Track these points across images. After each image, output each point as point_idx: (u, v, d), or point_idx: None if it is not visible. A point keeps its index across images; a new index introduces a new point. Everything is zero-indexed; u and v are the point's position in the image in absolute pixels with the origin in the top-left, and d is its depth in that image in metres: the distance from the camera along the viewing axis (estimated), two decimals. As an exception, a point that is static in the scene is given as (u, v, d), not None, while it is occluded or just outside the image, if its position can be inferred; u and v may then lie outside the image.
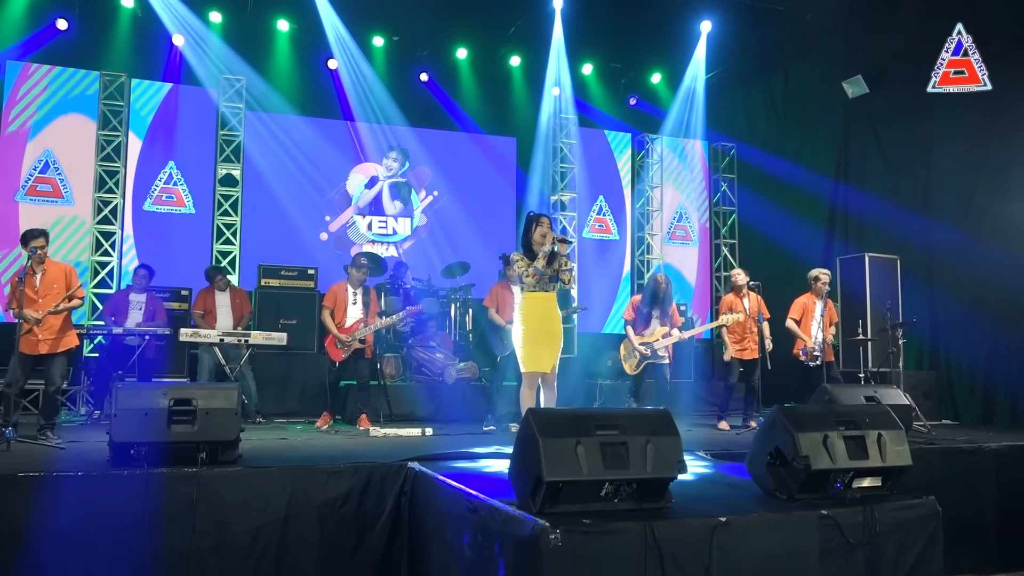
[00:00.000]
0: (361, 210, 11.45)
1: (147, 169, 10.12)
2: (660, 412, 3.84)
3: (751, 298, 8.05)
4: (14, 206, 9.46)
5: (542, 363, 5.77)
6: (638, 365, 7.48)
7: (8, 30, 9.54)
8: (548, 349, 5.78)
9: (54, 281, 6.06)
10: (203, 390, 4.89)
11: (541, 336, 5.77)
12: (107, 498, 4.47)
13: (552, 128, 11.86)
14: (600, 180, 12.22)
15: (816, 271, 8.21)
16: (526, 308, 5.81)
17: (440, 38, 11.73)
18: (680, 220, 12.51)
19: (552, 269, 5.78)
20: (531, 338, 5.76)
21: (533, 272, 5.70)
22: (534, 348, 5.76)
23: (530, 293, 5.78)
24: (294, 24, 11.17)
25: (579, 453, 3.48)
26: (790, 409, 4.06)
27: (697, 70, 12.02)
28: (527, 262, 5.75)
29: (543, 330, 5.78)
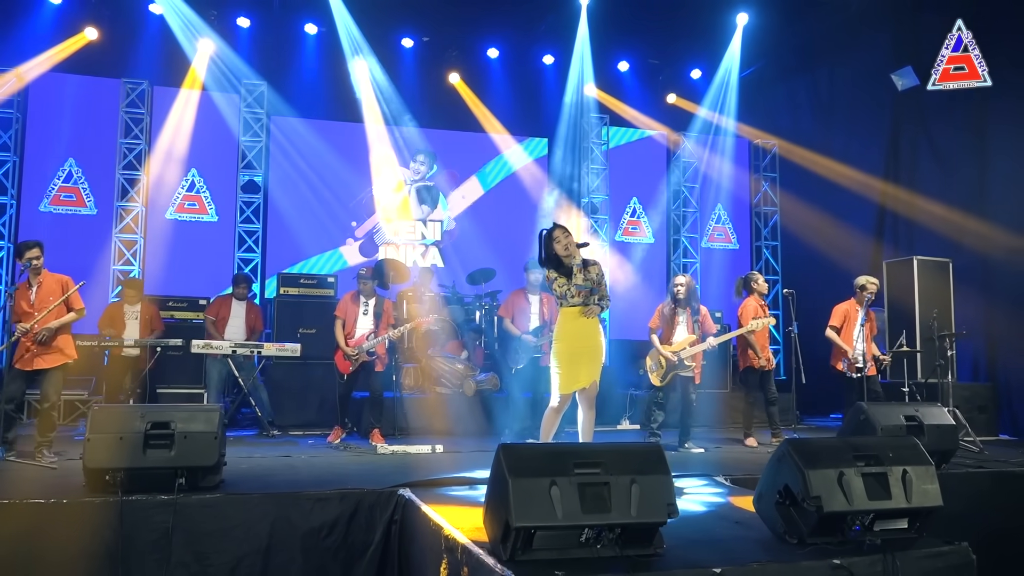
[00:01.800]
0: (388, 215, 11.22)
1: (169, 177, 10.03)
2: (650, 448, 3.45)
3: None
4: (39, 216, 9.46)
5: (581, 381, 5.27)
6: (665, 376, 7.03)
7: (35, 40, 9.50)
8: (588, 365, 5.24)
9: (50, 293, 5.92)
10: (183, 413, 4.66)
11: (581, 352, 5.22)
12: (78, 527, 4.29)
13: (582, 128, 11.46)
14: (633, 181, 11.79)
15: (864, 279, 7.66)
16: (565, 325, 5.25)
17: (471, 38, 11.43)
18: (718, 222, 12.00)
19: (592, 281, 5.26)
20: (571, 357, 5.22)
21: (577, 291, 5.20)
22: (573, 368, 5.22)
23: (570, 308, 5.28)
24: (323, 28, 10.97)
25: (553, 495, 3.12)
26: (800, 443, 3.64)
27: (735, 65, 11.51)
28: (564, 279, 5.21)
29: (583, 347, 5.23)
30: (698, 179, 11.85)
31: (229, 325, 8.20)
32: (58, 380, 5.94)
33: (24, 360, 5.82)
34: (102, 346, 7.55)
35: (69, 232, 9.54)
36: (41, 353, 5.83)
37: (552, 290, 5.31)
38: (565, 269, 5.19)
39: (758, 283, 7.69)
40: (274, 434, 7.93)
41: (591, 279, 5.22)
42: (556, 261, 5.22)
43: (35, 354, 5.82)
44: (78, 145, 9.69)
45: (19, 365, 5.82)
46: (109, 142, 9.77)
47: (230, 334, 8.17)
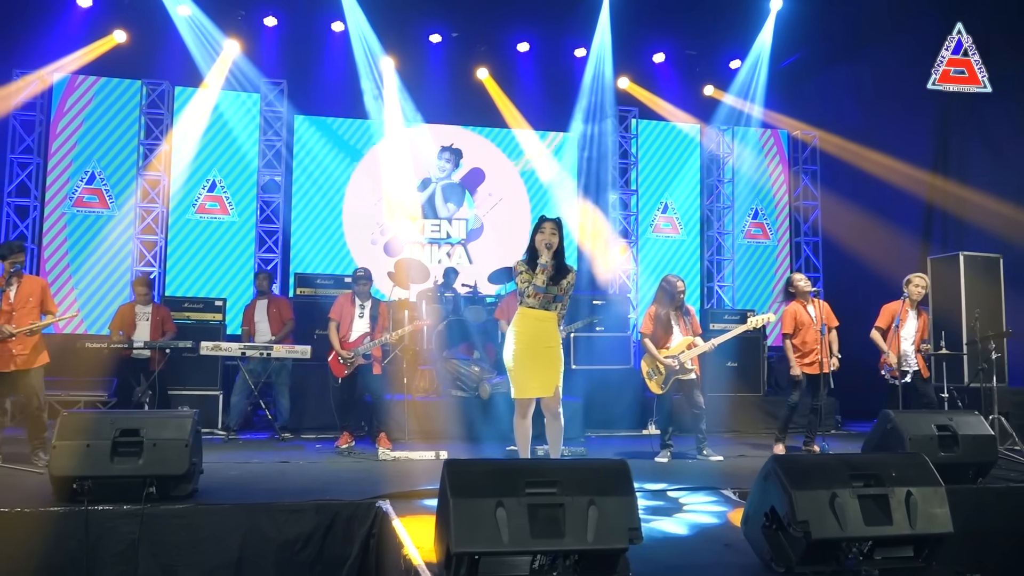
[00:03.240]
0: (413, 213, 11.02)
1: (190, 177, 9.99)
2: (614, 465, 3.13)
3: (817, 305, 7.11)
4: (62, 218, 9.52)
5: (534, 388, 5.02)
6: (666, 382, 6.65)
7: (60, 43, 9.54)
8: (543, 372, 4.98)
9: (29, 295, 5.84)
10: (154, 419, 4.50)
11: (534, 358, 4.99)
12: (41, 537, 4.16)
13: (611, 122, 11.10)
14: (664, 175, 11.35)
15: (911, 276, 7.15)
16: (519, 325, 5.04)
17: (501, 32, 11.15)
18: (756, 217, 11.50)
19: (560, 288, 5.02)
20: (523, 360, 4.99)
21: (534, 291, 4.98)
22: (525, 371, 4.99)
23: (527, 309, 5.06)
24: (349, 26, 10.80)
25: (499, 518, 2.84)
26: (788, 459, 3.27)
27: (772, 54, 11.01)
28: (530, 275, 5.02)
29: (537, 352, 4.99)
30: (733, 173, 11.36)
31: (258, 330, 8.10)
32: (38, 381, 5.85)
33: (3, 360, 5.69)
34: (111, 348, 7.49)
35: (91, 234, 9.57)
36: (20, 355, 5.74)
37: (516, 283, 5.07)
38: (535, 265, 4.94)
39: (796, 286, 7.23)
40: (286, 438, 7.80)
41: (559, 286, 4.97)
42: (532, 253, 4.99)
43: (13, 354, 5.72)
44: (100, 147, 9.71)
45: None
46: (130, 143, 9.76)
47: (259, 337, 8.05)
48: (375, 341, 6.90)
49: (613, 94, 11.13)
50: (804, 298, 7.13)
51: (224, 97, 10.10)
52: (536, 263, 4.98)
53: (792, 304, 7.20)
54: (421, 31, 10.87)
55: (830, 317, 7.21)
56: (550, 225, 5.01)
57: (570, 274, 5.08)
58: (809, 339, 7.02)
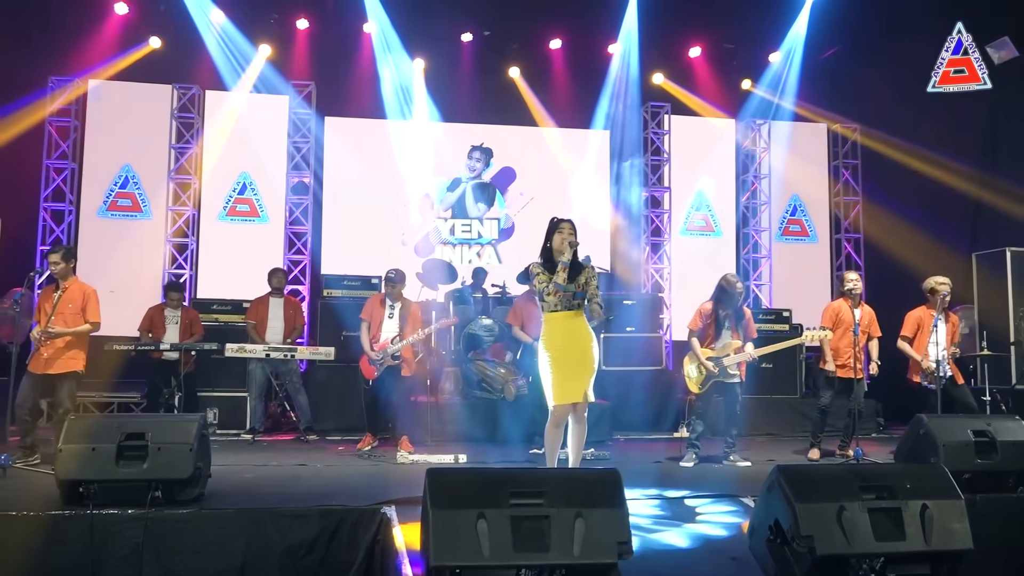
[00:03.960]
0: (443, 214, 10.96)
1: (220, 180, 10.07)
2: (605, 475, 2.99)
3: (864, 311, 6.83)
4: (96, 222, 9.67)
5: (575, 393, 4.91)
6: (705, 382, 6.45)
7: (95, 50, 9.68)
8: (579, 376, 4.90)
9: (70, 300, 5.91)
10: (160, 423, 4.50)
11: (571, 363, 4.89)
12: (47, 540, 4.17)
13: (643, 118, 10.90)
14: (698, 172, 11.09)
15: (932, 280, 6.86)
16: (549, 331, 4.96)
17: (533, 30, 11.00)
18: (794, 214, 11.17)
19: (577, 284, 4.95)
20: (560, 367, 4.89)
21: (554, 289, 4.88)
22: (564, 378, 4.88)
23: (552, 313, 4.95)
24: (378, 27, 10.77)
25: (480, 530, 2.72)
26: (794, 470, 3.09)
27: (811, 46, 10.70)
28: (547, 276, 4.94)
29: (572, 355, 4.90)
30: (770, 169, 11.04)
31: (269, 327, 8.11)
32: (71, 386, 5.91)
33: (35, 362, 5.81)
34: (137, 350, 7.56)
35: (125, 237, 9.69)
36: (53, 358, 5.81)
37: (532, 285, 5.00)
38: (551, 265, 4.92)
39: (845, 285, 6.96)
40: (311, 439, 7.80)
41: (578, 282, 4.91)
42: (548, 254, 4.98)
43: (47, 358, 5.80)
44: (132, 151, 9.82)
45: (30, 367, 5.81)
46: (162, 147, 9.86)
47: (270, 335, 8.07)
48: (404, 341, 6.83)
49: (645, 90, 10.93)
50: (851, 299, 6.86)
51: (253, 100, 10.14)
52: (552, 264, 4.96)
53: (837, 301, 6.97)
54: (452, 30, 10.79)
55: (874, 326, 6.95)
56: (569, 225, 5.04)
57: (586, 269, 5.03)
58: (845, 341, 6.77)
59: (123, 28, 9.75)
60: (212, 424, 8.31)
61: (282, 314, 8.15)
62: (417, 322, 7.08)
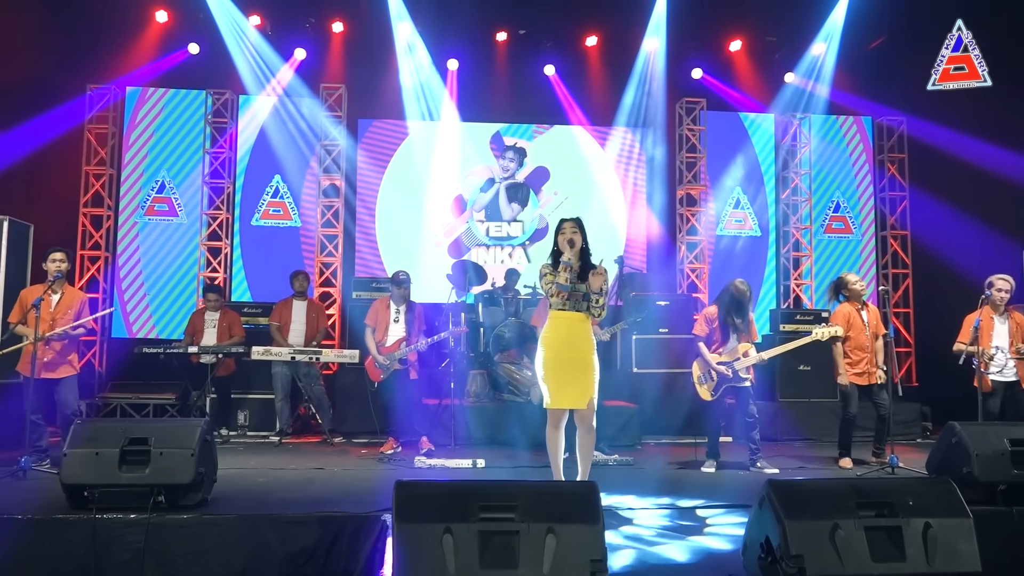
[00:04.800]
0: (476, 215, 10.89)
1: (254, 183, 10.17)
2: (581, 488, 2.87)
3: (870, 311, 6.58)
4: (135, 227, 9.86)
5: (568, 398, 4.83)
6: (717, 388, 6.26)
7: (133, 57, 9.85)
8: (577, 380, 4.82)
9: (68, 307, 5.99)
10: (163, 428, 4.50)
11: (567, 366, 4.83)
12: (51, 544, 4.20)
13: (678, 114, 10.66)
14: (737, 169, 10.80)
15: (992, 278, 6.52)
16: (549, 330, 4.93)
17: (568, 27, 10.86)
18: (836, 210, 10.80)
19: (587, 286, 4.87)
20: (554, 368, 4.85)
21: (557, 290, 4.83)
22: (560, 381, 4.83)
23: (558, 312, 4.89)
24: (413, 27, 10.74)
25: (446, 546, 2.62)
26: (786, 485, 2.91)
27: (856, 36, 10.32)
28: (554, 275, 4.89)
29: (569, 357, 4.85)
30: (811, 164, 10.69)
31: (292, 329, 8.15)
32: (73, 388, 6.01)
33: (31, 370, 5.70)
34: (167, 352, 7.66)
35: (162, 241, 9.87)
36: (54, 362, 5.89)
37: (541, 286, 4.98)
38: (558, 265, 4.87)
39: (851, 288, 6.68)
40: (336, 442, 7.80)
41: (587, 284, 4.84)
42: (556, 256, 4.95)
43: (46, 362, 5.87)
44: (169, 156, 10.00)
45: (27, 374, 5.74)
46: (197, 152, 10.00)
47: (293, 338, 8.11)
48: (410, 347, 6.80)
49: (680, 86, 10.69)
50: (858, 301, 6.60)
51: (284, 104, 10.22)
52: (555, 264, 4.93)
53: (844, 306, 6.69)
54: (487, 30, 10.71)
55: (878, 325, 6.66)
56: (570, 224, 4.99)
57: (599, 275, 4.91)
58: (859, 346, 6.50)
59: (161, 35, 9.90)
60: (243, 426, 8.43)
61: (305, 316, 8.19)
62: (423, 325, 7.07)
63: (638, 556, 3.59)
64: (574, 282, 4.83)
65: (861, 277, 6.74)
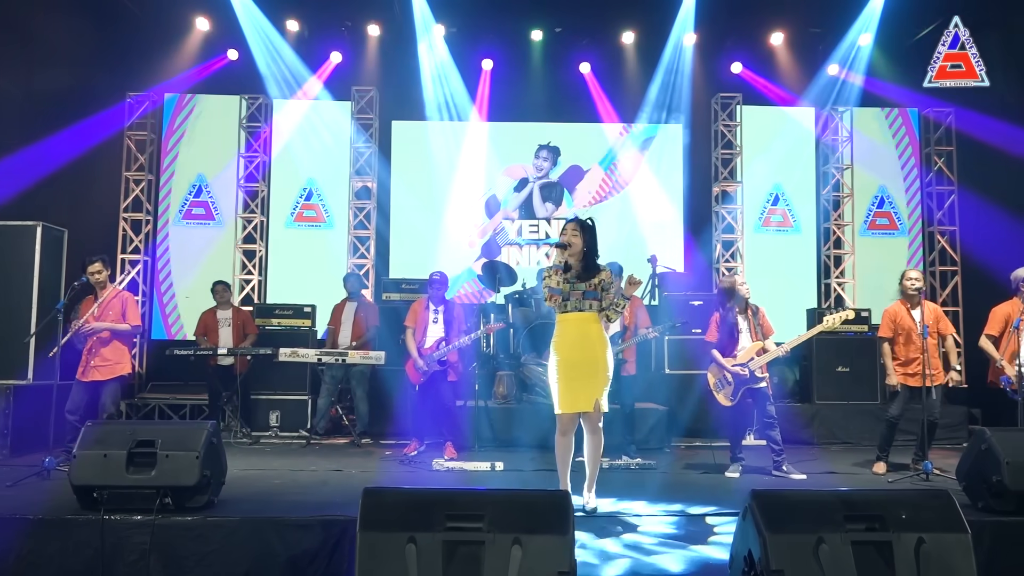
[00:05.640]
0: (510, 214, 10.83)
1: (288, 186, 10.29)
2: (551, 497, 2.78)
3: (926, 309, 6.28)
4: (173, 230, 10.07)
5: (578, 402, 4.74)
6: (735, 393, 6.10)
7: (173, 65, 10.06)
8: (587, 383, 4.72)
9: (110, 308, 6.14)
10: (170, 431, 4.55)
11: (578, 369, 4.74)
12: (61, 544, 4.28)
13: (713, 109, 10.44)
14: (775, 164, 10.53)
15: (1020, 270, 6.23)
16: (559, 333, 4.83)
17: (605, 24, 10.73)
18: (881, 206, 10.44)
19: (589, 284, 4.76)
20: (566, 372, 4.75)
21: (549, 293, 4.77)
22: (570, 385, 4.74)
23: (564, 315, 4.80)
24: (452, 28, 10.73)
25: (409, 555, 2.57)
26: (769, 496, 2.78)
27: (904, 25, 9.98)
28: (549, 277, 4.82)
29: (580, 361, 4.74)
30: (853, 158, 10.35)
31: (342, 331, 8.19)
32: (115, 391, 6.14)
33: (79, 371, 6.06)
34: (196, 354, 7.78)
35: (200, 244, 10.07)
36: (97, 365, 6.04)
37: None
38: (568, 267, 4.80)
39: (901, 283, 6.41)
40: (364, 444, 7.82)
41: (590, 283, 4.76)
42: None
43: (91, 366, 6.03)
44: (206, 160, 10.18)
45: (79, 377, 6.07)
46: (231, 156, 10.16)
47: (341, 339, 8.15)
48: (450, 346, 6.79)
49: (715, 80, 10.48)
50: (909, 299, 6.32)
51: (317, 107, 10.32)
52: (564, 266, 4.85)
53: (894, 305, 6.42)
54: (521, 29, 10.66)
55: (944, 324, 6.38)
56: (571, 226, 4.90)
57: (602, 273, 4.84)
58: (911, 347, 6.24)
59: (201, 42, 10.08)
60: (274, 427, 8.50)
61: (352, 318, 8.20)
62: (462, 324, 7.04)
63: (632, 566, 3.49)
64: (572, 282, 4.74)
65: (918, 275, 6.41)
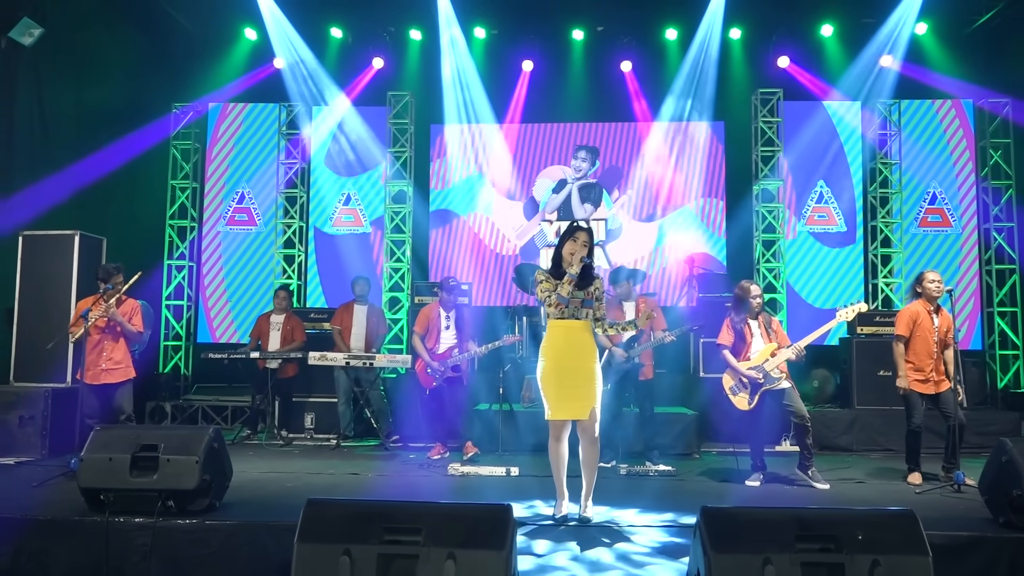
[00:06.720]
0: (548, 216, 10.77)
1: (326, 192, 10.46)
2: (493, 512, 2.73)
3: (943, 317, 6.01)
4: (216, 236, 10.35)
5: (570, 409, 4.71)
6: (753, 396, 5.92)
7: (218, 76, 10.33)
8: (575, 393, 4.69)
9: (122, 313, 6.31)
10: (172, 436, 4.66)
11: (567, 376, 4.70)
12: (67, 545, 4.44)
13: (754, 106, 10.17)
14: (819, 161, 10.19)
15: None
16: (548, 340, 4.80)
17: (647, 21, 10.58)
18: (933, 202, 10.00)
19: (587, 293, 4.73)
20: (552, 379, 4.73)
21: (556, 301, 4.69)
22: (559, 391, 4.71)
23: (556, 321, 4.75)
24: (493, 30, 10.73)
25: (342, 567, 2.56)
26: (717, 514, 2.68)
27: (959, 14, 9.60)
28: (552, 284, 4.75)
29: (569, 369, 4.70)
30: (901, 154, 9.94)
31: (352, 334, 8.30)
32: (128, 393, 6.34)
33: (90, 375, 6.20)
34: (230, 358, 7.97)
35: (243, 250, 10.32)
36: (109, 368, 6.23)
37: (535, 292, 4.82)
38: (558, 273, 4.73)
39: (924, 285, 6.12)
40: (391, 446, 7.89)
41: (588, 292, 4.72)
42: (557, 260, 4.77)
43: (103, 369, 6.21)
44: (248, 168, 10.44)
45: (87, 380, 6.19)
46: (272, 163, 10.39)
47: (353, 342, 8.25)
48: (463, 355, 6.83)
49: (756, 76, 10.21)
50: (931, 302, 6.04)
51: (353, 113, 10.44)
52: (559, 273, 4.77)
53: (915, 304, 6.13)
54: (562, 29, 10.60)
55: (952, 334, 6.08)
56: (584, 235, 4.78)
57: (597, 281, 4.82)
58: (926, 351, 5.96)
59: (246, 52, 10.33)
60: (309, 429, 8.65)
61: (365, 321, 8.30)
62: (468, 330, 7.08)
63: (621, 577, 3.42)
64: (574, 291, 4.70)
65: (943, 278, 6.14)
